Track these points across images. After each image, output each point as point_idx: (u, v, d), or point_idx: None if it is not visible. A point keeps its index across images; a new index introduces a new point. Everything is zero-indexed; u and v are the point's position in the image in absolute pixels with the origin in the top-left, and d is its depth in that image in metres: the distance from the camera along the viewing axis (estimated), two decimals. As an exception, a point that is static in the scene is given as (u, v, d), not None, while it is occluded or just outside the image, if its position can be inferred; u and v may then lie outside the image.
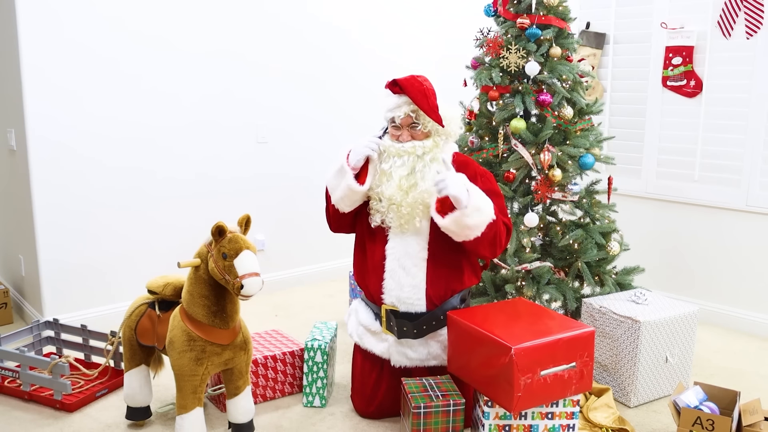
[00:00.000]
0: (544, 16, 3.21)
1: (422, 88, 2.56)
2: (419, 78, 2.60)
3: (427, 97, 2.55)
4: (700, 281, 3.99)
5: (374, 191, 2.64)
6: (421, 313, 2.60)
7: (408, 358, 2.65)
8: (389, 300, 2.62)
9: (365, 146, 2.62)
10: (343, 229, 2.81)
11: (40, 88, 3.34)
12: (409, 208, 2.54)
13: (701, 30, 3.86)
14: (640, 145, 4.20)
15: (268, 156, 4.30)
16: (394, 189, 2.56)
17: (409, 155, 2.58)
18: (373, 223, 2.66)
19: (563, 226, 3.27)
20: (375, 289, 2.67)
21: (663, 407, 2.89)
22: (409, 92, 2.55)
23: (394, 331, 2.64)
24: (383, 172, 2.62)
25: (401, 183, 2.56)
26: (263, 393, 2.88)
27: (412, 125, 2.60)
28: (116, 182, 3.66)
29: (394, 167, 2.59)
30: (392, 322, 2.63)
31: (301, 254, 4.58)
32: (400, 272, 2.59)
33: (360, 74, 4.68)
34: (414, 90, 2.55)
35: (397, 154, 2.60)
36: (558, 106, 3.22)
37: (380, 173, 2.63)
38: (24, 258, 3.75)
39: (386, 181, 2.59)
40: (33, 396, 2.86)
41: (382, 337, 2.69)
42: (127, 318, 2.59)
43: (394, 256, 2.61)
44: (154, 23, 3.69)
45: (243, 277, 2.21)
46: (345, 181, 2.61)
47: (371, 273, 2.68)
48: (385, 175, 2.61)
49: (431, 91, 2.59)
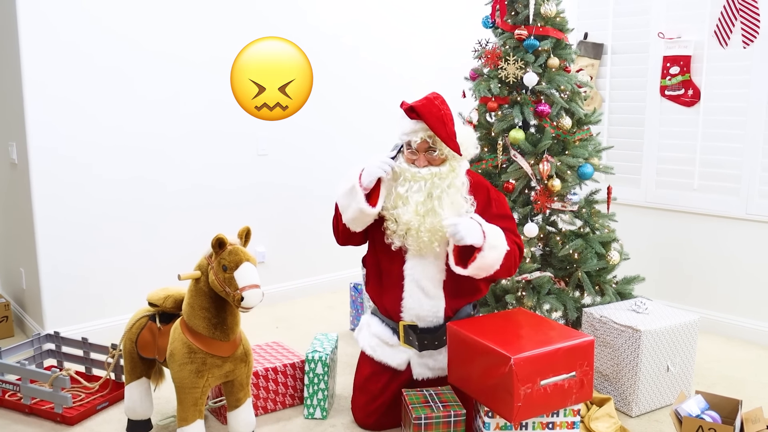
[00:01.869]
0: (541, 27, 3.23)
1: (440, 114, 2.47)
2: (437, 102, 2.51)
3: (444, 124, 2.47)
4: (701, 290, 3.99)
5: (389, 212, 2.60)
6: (440, 326, 2.65)
7: (430, 368, 2.68)
8: (408, 317, 2.66)
9: (378, 167, 2.54)
10: (352, 243, 2.77)
11: (41, 100, 3.36)
12: (429, 233, 2.52)
13: (698, 40, 3.88)
14: (639, 154, 4.21)
15: (269, 167, 4.31)
16: (411, 214, 2.53)
17: (425, 181, 2.54)
18: (393, 247, 2.62)
19: (563, 236, 3.28)
20: (392, 306, 2.68)
21: (665, 416, 2.89)
22: (427, 120, 2.47)
23: (414, 345, 2.66)
24: (399, 195, 2.57)
25: (418, 208, 2.53)
26: (264, 405, 2.88)
27: (429, 150, 2.56)
28: (117, 195, 3.67)
29: (411, 192, 2.55)
30: (411, 336, 2.66)
31: (301, 266, 4.58)
32: (420, 294, 2.61)
33: (360, 85, 4.70)
34: (432, 117, 2.47)
35: (413, 179, 2.55)
36: (557, 116, 3.24)
37: (395, 195, 2.58)
38: (25, 271, 3.75)
39: (402, 205, 2.56)
40: (34, 409, 2.86)
41: (400, 350, 2.71)
42: (128, 331, 2.59)
43: (412, 277, 2.62)
44: (155, 34, 3.71)
45: (243, 289, 2.22)
46: (356, 203, 2.55)
47: (388, 290, 2.69)
48: (400, 198, 2.57)
49: (449, 116, 2.50)
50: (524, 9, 3.26)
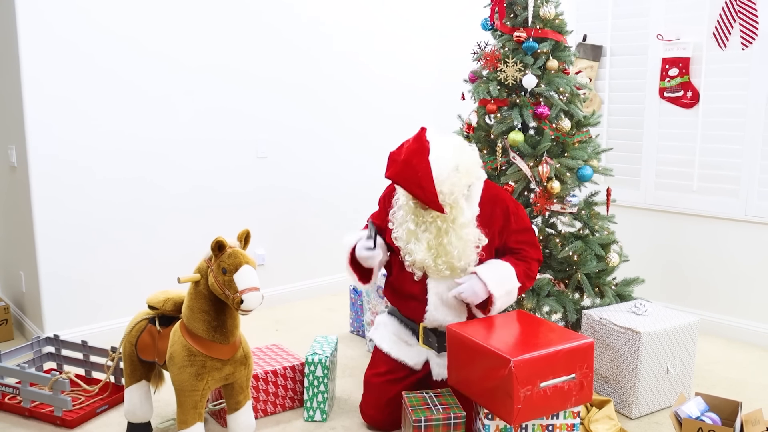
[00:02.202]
0: (540, 29, 3.23)
1: (416, 178, 2.43)
2: (413, 161, 2.44)
3: (422, 188, 2.44)
4: (700, 291, 3.99)
5: (403, 246, 2.65)
6: None
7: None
8: (430, 324, 2.71)
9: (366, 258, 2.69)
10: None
11: (41, 104, 3.36)
12: (444, 266, 2.59)
13: (697, 41, 3.88)
14: (638, 156, 4.22)
15: (268, 170, 4.32)
16: (423, 252, 2.58)
17: (431, 222, 2.58)
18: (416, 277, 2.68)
19: (562, 238, 3.28)
20: (414, 314, 2.74)
21: (664, 418, 2.89)
22: (404, 188, 2.50)
23: (434, 347, 2.71)
24: (410, 230, 2.61)
25: (430, 244, 2.58)
26: (264, 408, 2.88)
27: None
28: (116, 197, 3.67)
29: (420, 231, 2.59)
30: (431, 338, 2.71)
31: (301, 268, 4.58)
32: (444, 307, 2.67)
33: (359, 88, 4.70)
34: (409, 185, 2.46)
35: (422, 222, 2.60)
36: (556, 118, 3.24)
37: (408, 231, 2.62)
38: (24, 274, 3.75)
39: (415, 241, 2.60)
40: (33, 412, 2.86)
41: (418, 350, 2.76)
42: (128, 333, 2.59)
43: (435, 291, 2.67)
44: (155, 38, 3.71)
45: (243, 292, 2.22)
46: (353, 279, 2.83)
47: (409, 299, 2.74)
48: (413, 234, 2.61)
49: (426, 176, 2.43)
50: (523, 11, 3.26)
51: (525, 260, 2.70)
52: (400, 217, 2.66)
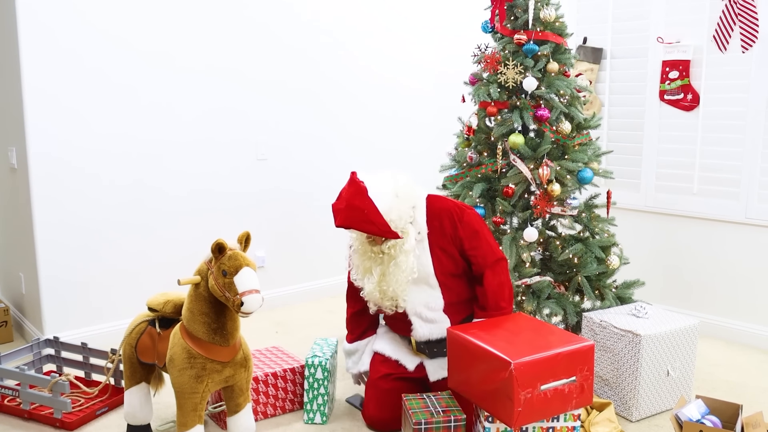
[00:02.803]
0: (541, 31, 3.23)
1: (364, 216, 2.53)
2: (356, 202, 2.54)
3: (373, 223, 2.53)
4: (701, 294, 3.99)
5: (360, 283, 2.75)
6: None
7: (443, 368, 2.78)
8: (418, 338, 2.79)
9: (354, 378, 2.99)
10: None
11: (41, 105, 3.36)
12: (390, 301, 2.69)
13: (697, 44, 3.88)
14: (638, 158, 4.22)
15: (268, 172, 4.32)
16: (371, 287, 2.68)
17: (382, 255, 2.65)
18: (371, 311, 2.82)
19: (563, 241, 3.28)
20: (403, 332, 2.86)
21: (665, 421, 2.88)
22: (357, 228, 2.56)
23: (426, 353, 2.83)
24: (365, 268, 2.71)
25: (378, 278, 2.66)
26: (264, 410, 2.88)
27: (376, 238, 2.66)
28: (116, 199, 3.67)
29: (374, 266, 2.68)
30: (423, 345, 2.82)
31: (301, 270, 4.58)
32: (427, 324, 2.76)
33: (359, 90, 4.70)
34: (359, 224, 2.54)
35: (376, 256, 2.67)
36: (556, 120, 3.24)
37: (363, 269, 2.72)
38: (24, 276, 3.75)
39: (368, 277, 2.70)
40: (33, 415, 2.85)
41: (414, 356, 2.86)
42: (128, 335, 2.59)
43: (414, 313, 2.75)
44: (155, 41, 3.72)
45: (243, 294, 2.21)
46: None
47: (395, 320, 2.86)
48: (367, 270, 2.70)
49: (373, 211, 2.53)
50: (523, 14, 3.27)
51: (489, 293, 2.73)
52: (356, 260, 2.76)
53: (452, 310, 2.76)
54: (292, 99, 4.37)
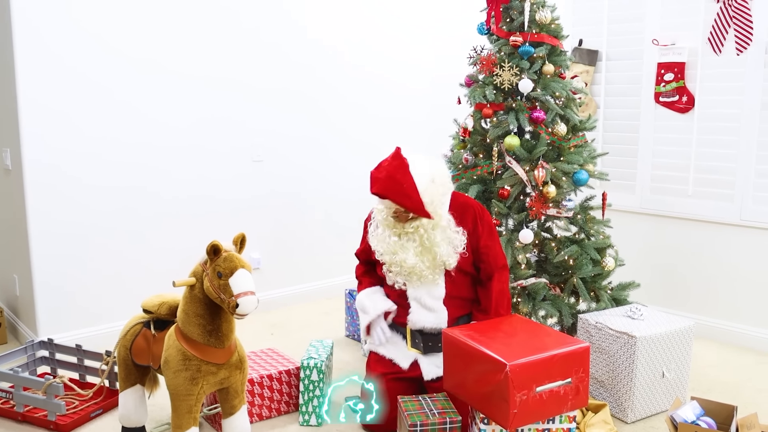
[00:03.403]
0: (536, 33, 3.24)
1: (402, 189, 2.61)
2: (397, 175, 2.62)
3: (409, 197, 2.61)
4: (696, 296, 4.00)
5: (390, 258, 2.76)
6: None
7: (437, 366, 2.79)
8: (413, 324, 2.82)
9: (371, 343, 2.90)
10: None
11: (36, 111, 3.35)
12: (430, 270, 2.73)
13: (692, 46, 3.89)
14: (633, 160, 4.23)
15: (263, 175, 4.31)
16: (412, 258, 2.71)
17: (413, 232, 2.71)
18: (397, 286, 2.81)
19: (558, 242, 3.28)
20: (397, 315, 2.87)
21: (660, 423, 2.89)
22: (393, 199, 2.63)
23: (420, 348, 2.83)
24: (395, 242, 2.74)
25: (416, 251, 2.71)
26: (259, 412, 2.87)
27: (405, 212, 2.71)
28: (112, 201, 3.66)
29: (404, 241, 2.73)
30: (417, 339, 2.83)
31: (296, 272, 4.57)
32: (424, 310, 2.79)
33: (354, 93, 4.70)
34: (397, 196, 2.62)
35: (404, 234, 2.73)
36: (551, 122, 3.24)
37: (392, 244, 2.75)
38: (18, 277, 3.74)
39: (402, 252, 2.72)
40: (27, 417, 2.84)
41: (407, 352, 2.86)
42: (122, 337, 2.58)
43: (414, 296, 2.80)
44: (148, 47, 3.70)
45: (238, 295, 2.21)
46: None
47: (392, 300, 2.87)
48: (397, 245, 2.74)
49: (411, 186, 2.61)
50: (519, 16, 3.27)
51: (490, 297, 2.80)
52: (381, 233, 2.79)
53: (452, 303, 2.80)
54: (286, 102, 4.36)
